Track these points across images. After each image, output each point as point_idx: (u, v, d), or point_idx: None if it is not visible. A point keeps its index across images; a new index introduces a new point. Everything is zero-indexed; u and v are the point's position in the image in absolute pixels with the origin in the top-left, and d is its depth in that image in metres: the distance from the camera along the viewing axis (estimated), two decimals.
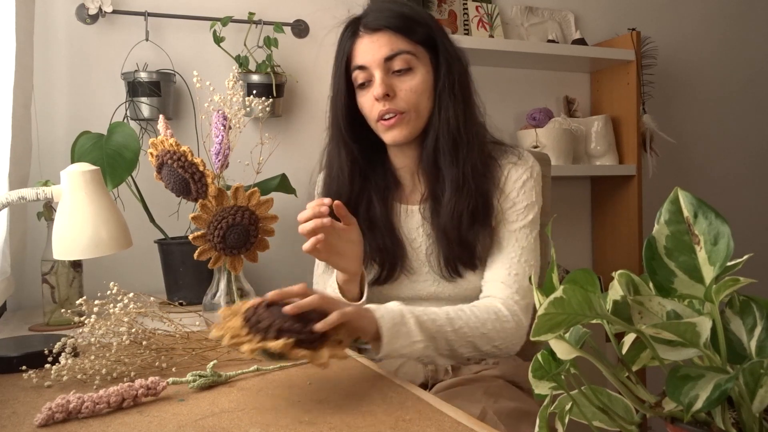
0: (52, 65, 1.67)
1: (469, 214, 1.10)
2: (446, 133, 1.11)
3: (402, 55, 1.10)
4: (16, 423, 0.72)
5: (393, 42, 1.10)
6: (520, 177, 1.15)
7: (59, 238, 0.90)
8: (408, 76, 1.11)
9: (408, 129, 1.12)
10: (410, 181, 1.21)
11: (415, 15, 1.14)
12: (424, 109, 1.13)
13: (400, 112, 1.11)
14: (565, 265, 2.25)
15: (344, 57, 1.14)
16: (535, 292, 0.51)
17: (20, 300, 1.59)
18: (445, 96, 1.12)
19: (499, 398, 1.05)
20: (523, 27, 2.26)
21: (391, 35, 1.10)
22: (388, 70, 1.11)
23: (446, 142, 1.12)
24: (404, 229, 1.18)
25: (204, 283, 1.19)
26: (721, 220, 0.45)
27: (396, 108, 1.11)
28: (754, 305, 0.46)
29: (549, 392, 0.52)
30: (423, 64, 1.12)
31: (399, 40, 1.10)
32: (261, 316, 0.74)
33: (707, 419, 0.44)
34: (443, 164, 1.12)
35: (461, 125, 1.12)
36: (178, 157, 1.04)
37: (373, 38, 1.11)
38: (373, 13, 1.13)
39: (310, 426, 0.69)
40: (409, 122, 1.12)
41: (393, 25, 1.11)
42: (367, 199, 1.17)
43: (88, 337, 0.90)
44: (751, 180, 2.71)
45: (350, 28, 1.15)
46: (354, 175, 1.17)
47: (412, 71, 1.11)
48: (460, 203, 1.10)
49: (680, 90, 2.56)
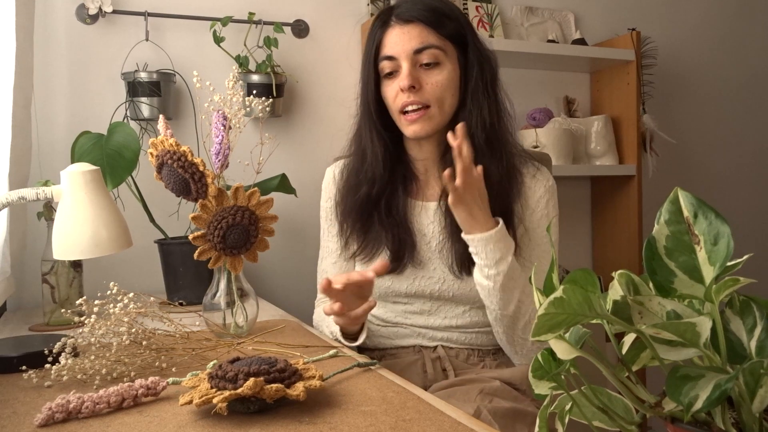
0: (52, 65, 1.67)
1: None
2: (481, 131, 1.12)
3: (431, 49, 1.11)
4: (16, 423, 0.72)
5: (423, 35, 1.11)
6: (544, 195, 1.17)
7: (59, 238, 0.89)
8: (435, 71, 1.12)
9: (431, 124, 1.13)
10: (425, 175, 1.22)
11: (447, 10, 1.14)
12: (449, 106, 1.14)
13: (425, 105, 1.12)
14: (565, 265, 2.25)
15: (374, 46, 1.15)
16: (535, 292, 0.51)
17: (20, 300, 1.59)
18: (479, 94, 1.13)
19: (494, 398, 1.05)
20: (523, 27, 2.26)
21: (422, 28, 1.11)
22: (416, 63, 1.12)
23: (481, 140, 1.12)
24: (416, 223, 1.19)
25: (204, 283, 1.19)
26: (721, 220, 0.45)
27: (421, 100, 1.11)
28: (754, 305, 0.46)
29: (549, 392, 0.52)
30: (450, 61, 1.13)
31: (429, 34, 1.11)
32: (225, 370, 0.74)
33: (707, 419, 0.44)
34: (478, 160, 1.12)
35: (496, 124, 1.13)
36: (178, 157, 1.04)
37: (404, 29, 1.12)
38: (406, 4, 1.14)
39: (310, 426, 0.69)
40: (432, 117, 1.13)
41: (425, 18, 1.11)
42: (392, 188, 1.19)
43: (88, 337, 0.90)
44: (750, 180, 2.71)
45: (382, 17, 1.16)
46: (387, 162, 1.18)
47: (440, 66, 1.12)
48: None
49: (680, 90, 2.56)
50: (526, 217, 1.16)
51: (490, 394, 1.06)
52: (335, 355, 0.98)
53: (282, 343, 1.06)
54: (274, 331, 1.16)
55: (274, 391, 0.71)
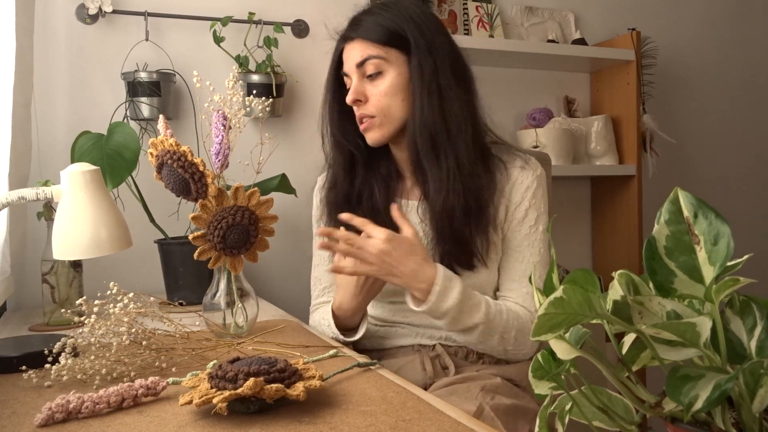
0: (52, 65, 1.67)
1: (461, 211, 1.11)
2: (423, 132, 1.12)
3: (371, 60, 1.13)
4: (16, 423, 0.72)
5: (363, 48, 1.14)
6: (530, 185, 1.16)
7: (59, 238, 0.89)
8: (379, 80, 1.14)
9: (380, 132, 1.15)
10: (411, 173, 1.22)
11: (386, 21, 1.14)
12: (397, 111, 1.14)
13: (370, 116, 1.14)
14: (565, 265, 2.25)
15: (335, 62, 1.20)
16: (535, 292, 0.51)
17: (20, 300, 1.59)
18: (417, 94, 1.12)
19: (496, 395, 1.05)
20: (523, 27, 2.26)
21: (361, 42, 1.15)
22: (362, 75, 1.15)
23: (424, 141, 1.12)
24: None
25: (204, 283, 1.19)
26: (721, 220, 0.45)
27: (366, 113, 1.15)
28: (754, 305, 0.46)
29: (549, 392, 0.52)
30: (395, 66, 1.14)
31: (369, 46, 1.14)
32: (225, 370, 0.74)
33: (707, 419, 0.44)
34: (426, 163, 1.13)
35: (437, 122, 1.11)
36: (178, 157, 1.04)
37: (350, 46, 1.17)
38: (349, 23, 1.19)
39: (310, 426, 0.69)
40: (381, 125, 1.15)
41: (363, 32, 1.15)
42: (369, 188, 1.21)
43: (88, 337, 0.90)
44: (751, 180, 2.71)
45: (340, 36, 1.20)
46: (353, 171, 1.21)
47: (382, 74, 1.14)
48: (449, 200, 1.11)
49: (680, 90, 2.56)
50: (510, 211, 1.16)
51: (491, 391, 1.06)
52: (335, 355, 0.98)
53: (282, 343, 1.06)
54: (274, 331, 1.16)
55: (274, 391, 0.71)
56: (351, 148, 1.21)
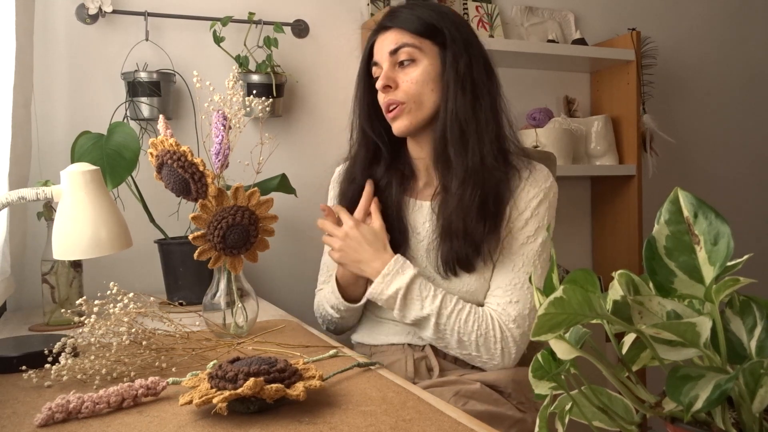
0: (52, 65, 1.67)
1: (477, 206, 1.11)
2: (454, 122, 1.13)
3: (405, 47, 1.15)
4: (16, 423, 0.72)
5: (398, 37, 1.16)
6: (536, 195, 1.16)
7: (59, 238, 0.89)
8: (411, 68, 1.15)
9: (409, 119, 1.16)
10: (425, 173, 1.23)
11: (424, 14, 1.16)
12: (427, 100, 1.15)
13: (400, 102, 1.15)
14: (565, 265, 2.25)
15: (366, 54, 1.22)
16: (535, 293, 0.51)
17: (20, 300, 1.59)
18: (452, 86, 1.13)
19: (469, 401, 1.05)
20: (523, 27, 2.26)
21: (397, 31, 1.16)
22: (394, 64, 1.16)
23: (454, 132, 1.13)
24: (410, 220, 1.21)
25: (204, 283, 1.19)
26: (721, 220, 0.45)
27: (395, 99, 1.15)
28: (754, 305, 0.46)
29: (549, 392, 0.52)
30: (428, 57, 1.15)
31: (404, 35, 1.16)
32: (225, 370, 0.74)
33: (707, 419, 0.44)
34: (452, 154, 1.14)
35: (468, 114, 1.13)
36: (178, 157, 1.04)
37: (384, 35, 1.18)
38: (385, 15, 1.21)
39: (310, 426, 0.69)
40: (409, 113, 1.15)
41: (400, 23, 1.16)
42: (388, 183, 1.23)
43: (88, 337, 0.90)
44: (751, 180, 2.71)
45: (375, 27, 1.22)
46: (372, 167, 1.25)
47: (415, 63, 1.15)
48: (468, 193, 1.11)
49: (680, 90, 2.56)
50: (513, 217, 1.15)
51: (465, 396, 1.06)
52: (335, 355, 0.99)
53: (282, 343, 1.06)
54: (274, 331, 1.16)
55: (274, 391, 0.71)
56: (377, 140, 1.23)
